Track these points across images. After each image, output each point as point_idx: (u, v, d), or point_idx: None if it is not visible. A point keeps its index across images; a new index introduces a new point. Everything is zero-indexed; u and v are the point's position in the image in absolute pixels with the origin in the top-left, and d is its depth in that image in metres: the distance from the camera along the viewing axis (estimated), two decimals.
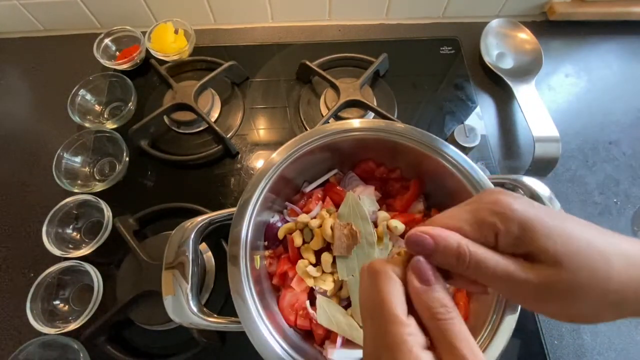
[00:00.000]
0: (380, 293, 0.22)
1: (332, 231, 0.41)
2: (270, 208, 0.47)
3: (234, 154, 0.62)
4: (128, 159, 0.59)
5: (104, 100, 0.66)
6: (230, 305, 0.37)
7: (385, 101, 0.66)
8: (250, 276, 0.39)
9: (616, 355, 0.49)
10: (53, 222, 0.53)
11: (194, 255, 0.41)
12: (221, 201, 0.59)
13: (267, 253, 0.46)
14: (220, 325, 0.38)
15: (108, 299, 0.51)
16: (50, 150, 0.57)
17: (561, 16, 0.73)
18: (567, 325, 0.51)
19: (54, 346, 0.47)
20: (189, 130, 0.64)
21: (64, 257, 0.51)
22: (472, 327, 0.37)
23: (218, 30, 0.76)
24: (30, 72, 0.72)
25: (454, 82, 0.69)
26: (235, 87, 0.68)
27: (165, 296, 0.38)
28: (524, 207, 0.22)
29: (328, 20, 0.76)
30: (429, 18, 0.76)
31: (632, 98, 0.68)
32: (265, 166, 0.43)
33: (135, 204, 0.57)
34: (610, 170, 0.62)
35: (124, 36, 0.69)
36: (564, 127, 0.60)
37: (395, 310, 0.21)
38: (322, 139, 0.45)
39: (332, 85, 0.64)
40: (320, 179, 0.50)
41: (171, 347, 0.50)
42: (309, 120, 0.65)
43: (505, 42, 0.71)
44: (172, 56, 0.68)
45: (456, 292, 0.42)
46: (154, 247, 0.52)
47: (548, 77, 0.70)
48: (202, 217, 0.43)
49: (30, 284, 0.49)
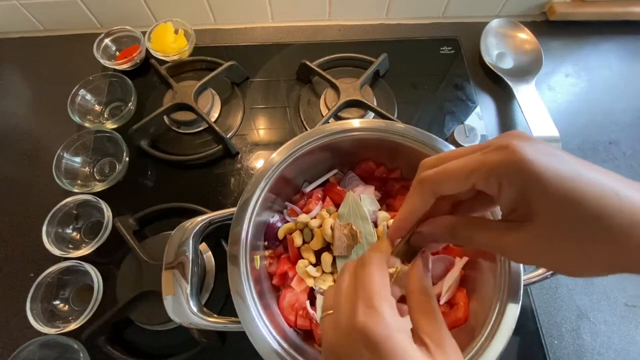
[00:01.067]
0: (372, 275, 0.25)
1: (332, 231, 0.41)
2: (270, 208, 0.47)
3: (234, 154, 0.62)
4: (128, 159, 0.59)
5: (104, 100, 0.66)
6: (230, 305, 0.37)
7: (385, 101, 0.66)
8: (250, 276, 0.39)
9: (616, 355, 0.49)
10: (53, 222, 0.53)
11: (194, 255, 0.41)
12: (221, 201, 0.59)
13: (267, 253, 0.46)
14: (220, 325, 0.38)
15: (108, 299, 0.51)
16: (50, 150, 0.57)
17: (561, 16, 0.73)
18: (567, 325, 0.51)
19: (54, 346, 0.47)
20: (189, 130, 0.64)
21: (64, 257, 0.51)
22: (472, 327, 0.37)
23: (218, 30, 0.76)
24: (30, 72, 0.72)
25: (454, 82, 0.69)
26: (235, 87, 0.68)
27: (165, 296, 0.39)
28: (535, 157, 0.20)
29: (328, 20, 0.76)
30: (429, 18, 0.76)
31: (632, 98, 0.68)
32: (265, 166, 0.43)
33: (135, 204, 0.57)
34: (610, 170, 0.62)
35: (124, 36, 0.69)
36: (564, 127, 0.60)
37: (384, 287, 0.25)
38: (322, 139, 0.45)
39: (332, 85, 0.64)
40: (320, 179, 0.50)
41: (171, 347, 0.50)
42: (309, 120, 0.65)
43: (505, 42, 0.71)
44: (172, 56, 0.68)
45: (456, 292, 0.42)
46: (154, 247, 0.52)
47: (548, 77, 0.70)
48: (202, 217, 0.43)
49: (30, 284, 0.49)
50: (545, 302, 0.52)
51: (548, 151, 0.21)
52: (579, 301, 0.52)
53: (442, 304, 0.42)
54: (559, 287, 0.53)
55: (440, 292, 0.42)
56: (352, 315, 0.23)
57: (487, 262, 0.40)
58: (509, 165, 0.21)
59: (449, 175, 0.24)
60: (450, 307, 0.42)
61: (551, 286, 0.53)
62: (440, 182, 0.24)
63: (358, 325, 0.22)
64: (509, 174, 0.21)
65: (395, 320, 0.23)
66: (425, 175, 0.25)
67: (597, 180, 0.20)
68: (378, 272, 0.25)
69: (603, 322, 0.51)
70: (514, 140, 0.21)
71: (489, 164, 0.22)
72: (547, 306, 0.52)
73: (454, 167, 0.23)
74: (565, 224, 0.20)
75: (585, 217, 0.20)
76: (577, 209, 0.20)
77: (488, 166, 0.22)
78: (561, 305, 0.52)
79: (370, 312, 0.23)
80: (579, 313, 0.52)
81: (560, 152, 0.21)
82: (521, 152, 0.20)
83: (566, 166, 0.20)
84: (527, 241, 0.22)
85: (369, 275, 0.25)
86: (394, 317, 0.23)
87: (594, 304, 0.52)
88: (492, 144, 0.22)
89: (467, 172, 0.23)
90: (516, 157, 0.20)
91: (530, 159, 0.20)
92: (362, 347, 0.22)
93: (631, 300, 0.52)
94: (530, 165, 0.20)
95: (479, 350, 0.34)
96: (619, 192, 0.20)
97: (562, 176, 0.20)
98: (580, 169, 0.20)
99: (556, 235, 0.21)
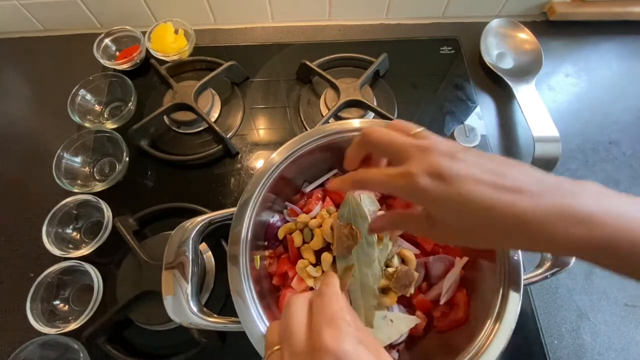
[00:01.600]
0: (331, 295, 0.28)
1: (332, 231, 0.41)
2: (270, 208, 0.47)
3: (234, 154, 0.62)
4: (128, 159, 0.59)
5: (104, 100, 0.66)
6: (230, 305, 0.37)
7: (385, 101, 0.66)
8: (250, 276, 0.39)
9: (616, 355, 0.49)
10: (53, 222, 0.53)
11: (194, 255, 0.41)
12: (221, 201, 0.59)
13: (267, 253, 0.46)
14: (220, 325, 0.38)
15: (108, 299, 0.51)
16: (50, 150, 0.57)
17: (561, 16, 0.73)
18: (567, 325, 0.51)
19: (54, 346, 0.47)
20: (189, 130, 0.64)
21: (64, 257, 0.51)
22: (472, 327, 0.37)
23: (218, 30, 0.76)
24: (30, 72, 0.72)
25: (454, 82, 0.69)
26: (235, 87, 0.68)
27: (165, 296, 0.38)
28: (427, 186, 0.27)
29: (328, 20, 0.76)
30: (429, 18, 0.76)
31: (632, 98, 0.68)
32: (265, 166, 0.43)
33: (135, 204, 0.57)
34: (610, 170, 0.62)
35: (124, 36, 0.69)
36: (564, 127, 0.60)
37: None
38: (322, 139, 0.45)
39: (332, 85, 0.64)
40: (320, 179, 0.50)
41: (171, 347, 0.50)
42: (309, 120, 0.65)
43: (505, 42, 0.71)
44: (172, 56, 0.68)
45: (456, 292, 0.42)
46: (154, 247, 0.52)
47: (548, 77, 0.70)
48: (202, 217, 0.43)
49: (30, 284, 0.49)
50: (545, 302, 0.52)
51: (441, 173, 0.27)
52: (579, 301, 0.52)
53: (442, 304, 0.42)
54: (559, 287, 0.53)
55: (440, 292, 0.42)
56: (317, 336, 0.24)
57: (487, 262, 0.40)
58: (410, 192, 0.28)
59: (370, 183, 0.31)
60: (450, 307, 0.42)
61: (551, 286, 0.53)
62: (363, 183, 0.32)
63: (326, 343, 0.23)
64: (411, 197, 0.28)
65: (357, 334, 0.25)
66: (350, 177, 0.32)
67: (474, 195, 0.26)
68: (338, 293, 0.28)
69: (603, 322, 0.51)
70: (415, 168, 0.27)
71: (398, 187, 0.28)
72: (547, 306, 0.52)
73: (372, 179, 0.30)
74: (454, 226, 0.28)
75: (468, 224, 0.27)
76: (460, 217, 0.27)
77: (398, 188, 0.28)
78: (561, 305, 0.52)
79: (336, 329, 0.24)
80: (579, 313, 0.52)
81: (456, 167, 0.27)
82: (418, 184, 0.27)
83: (451, 187, 0.26)
84: (441, 234, 0.30)
85: (329, 300, 0.27)
86: (356, 332, 0.25)
87: (594, 304, 0.52)
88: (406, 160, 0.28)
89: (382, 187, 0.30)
90: (415, 186, 0.27)
91: (422, 188, 0.27)
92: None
93: (631, 300, 0.52)
94: (424, 194, 0.27)
95: (479, 350, 0.34)
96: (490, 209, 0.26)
97: (447, 197, 0.26)
98: (463, 187, 0.26)
99: (452, 232, 0.29)
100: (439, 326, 0.42)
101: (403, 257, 0.42)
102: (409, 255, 0.42)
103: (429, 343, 0.42)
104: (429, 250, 0.44)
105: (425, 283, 0.44)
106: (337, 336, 0.24)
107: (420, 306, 0.42)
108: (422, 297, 0.43)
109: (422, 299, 0.42)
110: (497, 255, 0.38)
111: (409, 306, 0.43)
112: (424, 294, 0.43)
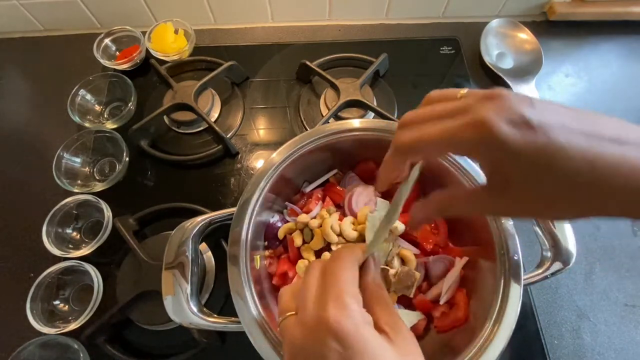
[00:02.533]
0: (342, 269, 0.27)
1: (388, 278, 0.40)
2: (270, 208, 0.47)
3: (234, 154, 0.62)
4: (128, 159, 0.59)
5: (104, 100, 0.66)
6: (230, 305, 0.37)
7: (385, 101, 0.66)
8: (250, 276, 0.39)
9: (616, 355, 0.49)
10: (53, 222, 0.53)
11: (194, 255, 0.41)
12: (221, 201, 0.59)
13: (267, 253, 0.46)
14: (220, 325, 0.38)
15: (108, 299, 0.51)
16: (50, 150, 0.57)
17: (561, 16, 0.73)
18: (567, 325, 0.51)
19: (54, 346, 0.47)
20: (189, 130, 0.64)
21: (64, 257, 0.51)
22: (472, 327, 0.37)
23: (218, 30, 0.76)
24: (30, 72, 0.72)
25: (454, 82, 0.69)
26: (235, 87, 0.68)
27: (165, 296, 0.39)
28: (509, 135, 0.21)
29: (328, 20, 0.76)
30: (429, 18, 0.76)
31: (633, 98, 0.68)
32: (265, 166, 0.43)
33: (135, 204, 0.57)
34: None
35: (124, 36, 0.69)
36: None
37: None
38: (322, 139, 0.45)
39: (332, 85, 0.64)
40: (320, 179, 0.50)
41: (171, 347, 0.50)
42: (309, 120, 0.65)
43: (505, 42, 0.71)
44: (172, 56, 0.68)
45: (456, 292, 0.42)
46: (154, 247, 0.52)
47: (548, 77, 0.70)
48: (202, 217, 0.43)
49: (30, 284, 0.49)
50: (545, 302, 0.52)
51: (525, 120, 0.21)
52: (579, 301, 0.52)
53: (442, 304, 0.42)
54: (559, 287, 0.53)
55: (440, 292, 0.42)
56: (322, 311, 0.24)
57: (487, 262, 0.40)
58: (483, 144, 0.21)
59: (425, 144, 0.24)
60: (450, 307, 0.42)
61: (551, 286, 0.53)
62: (416, 149, 0.25)
63: (329, 320, 0.23)
64: (483, 151, 0.22)
65: (362, 314, 0.25)
66: (402, 142, 0.25)
67: (571, 145, 0.21)
68: (348, 268, 0.27)
69: (603, 322, 0.51)
70: (490, 114, 0.21)
71: (465, 140, 0.22)
72: (547, 306, 0.52)
73: (430, 137, 0.23)
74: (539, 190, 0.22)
75: (559, 183, 0.21)
76: (551, 174, 0.21)
77: (464, 142, 0.22)
78: (561, 305, 0.52)
79: (340, 307, 0.24)
80: (579, 313, 0.52)
81: (540, 113, 0.21)
82: (496, 132, 0.21)
83: (542, 137, 0.21)
84: (512, 203, 0.23)
85: (340, 271, 0.26)
86: (361, 312, 0.25)
87: (594, 304, 0.52)
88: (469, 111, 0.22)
89: (442, 144, 0.23)
90: (492, 137, 0.21)
91: (503, 138, 0.21)
92: (332, 341, 0.23)
93: (631, 300, 0.52)
94: (504, 145, 0.21)
95: (479, 350, 0.34)
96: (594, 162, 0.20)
97: (535, 148, 0.21)
98: (557, 136, 0.21)
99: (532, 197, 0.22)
100: (439, 326, 0.42)
101: (403, 258, 0.42)
102: (408, 256, 0.42)
103: (429, 343, 0.42)
104: (429, 250, 0.44)
105: (425, 283, 0.44)
106: (340, 314, 0.23)
107: (420, 306, 0.42)
108: (422, 297, 0.43)
109: (422, 299, 0.42)
110: (497, 255, 0.38)
111: (409, 306, 0.43)
112: (424, 294, 0.43)
